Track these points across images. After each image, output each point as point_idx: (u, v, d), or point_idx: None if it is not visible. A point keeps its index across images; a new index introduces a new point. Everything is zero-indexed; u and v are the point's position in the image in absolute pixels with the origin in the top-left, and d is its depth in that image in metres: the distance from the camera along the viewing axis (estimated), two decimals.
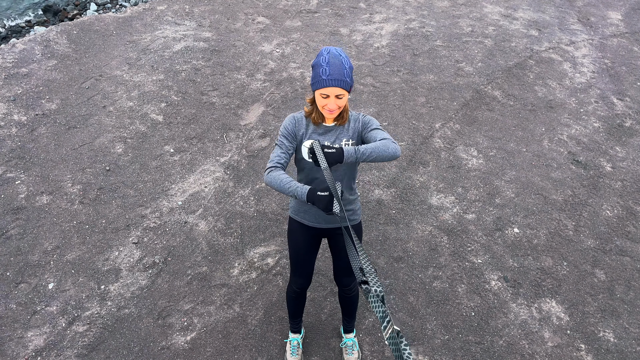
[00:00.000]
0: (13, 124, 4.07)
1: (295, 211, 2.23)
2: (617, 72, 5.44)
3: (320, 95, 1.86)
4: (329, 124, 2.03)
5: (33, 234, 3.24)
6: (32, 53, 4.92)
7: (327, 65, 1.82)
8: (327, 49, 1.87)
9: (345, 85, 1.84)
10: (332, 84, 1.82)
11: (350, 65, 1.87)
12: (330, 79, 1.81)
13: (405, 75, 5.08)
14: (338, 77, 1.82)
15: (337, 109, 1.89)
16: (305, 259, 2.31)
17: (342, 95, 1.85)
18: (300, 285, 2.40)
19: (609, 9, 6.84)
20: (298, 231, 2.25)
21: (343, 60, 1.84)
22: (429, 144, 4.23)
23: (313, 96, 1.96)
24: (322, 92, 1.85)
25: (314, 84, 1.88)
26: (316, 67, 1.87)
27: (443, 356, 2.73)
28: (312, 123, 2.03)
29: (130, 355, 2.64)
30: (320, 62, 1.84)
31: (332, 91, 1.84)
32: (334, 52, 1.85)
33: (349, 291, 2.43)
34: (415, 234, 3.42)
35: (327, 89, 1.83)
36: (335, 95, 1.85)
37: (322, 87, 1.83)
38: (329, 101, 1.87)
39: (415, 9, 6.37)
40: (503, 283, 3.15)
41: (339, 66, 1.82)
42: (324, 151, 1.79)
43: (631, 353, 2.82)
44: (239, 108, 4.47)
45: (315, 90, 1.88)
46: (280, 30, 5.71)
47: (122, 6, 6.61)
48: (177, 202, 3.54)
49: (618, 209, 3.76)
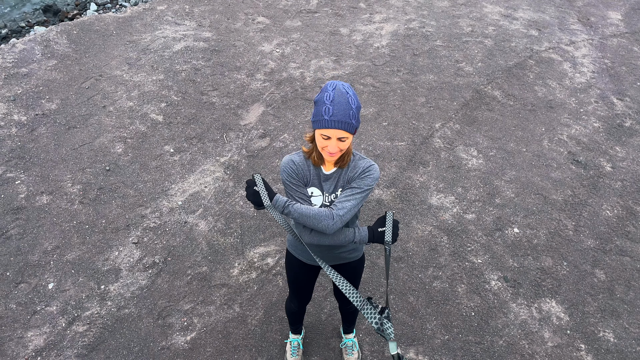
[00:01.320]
0: (13, 124, 4.07)
1: (291, 246, 2.13)
2: (617, 72, 5.44)
3: (321, 135, 1.66)
4: (328, 171, 1.82)
5: (33, 234, 3.24)
6: (32, 53, 4.92)
7: (330, 104, 1.61)
8: (333, 85, 1.65)
9: (350, 128, 1.64)
10: (334, 125, 1.61)
11: (357, 105, 1.66)
12: (333, 121, 1.61)
13: (405, 75, 5.08)
14: (342, 119, 1.61)
15: (338, 152, 1.69)
16: (303, 288, 2.30)
17: (345, 138, 1.65)
18: (299, 306, 2.42)
19: (609, 9, 6.84)
20: (295, 265, 2.17)
21: (350, 99, 1.63)
22: (429, 144, 4.23)
23: (313, 134, 1.76)
24: (323, 133, 1.65)
25: (314, 122, 1.67)
26: (319, 103, 1.66)
27: (443, 356, 2.73)
28: (312, 165, 1.83)
29: (130, 355, 2.64)
30: (324, 99, 1.63)
31: (334, 133, 1.63)
32: (341, 89, 1.64)
33: (350, 307, 2.46)
34: (415, 234, 3.42)
35: (328, 131, 1.63)
36: (337, 137, 1.64)
37: (324, 127, 1.63)
38: (329, 143, 1.66)
39: (415, 9, 6.37)
40: (503, 283, 3.15)
41: (344, 106, 1.61)
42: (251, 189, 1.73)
43: (631, 353, 2.82)
44: (239, 108, 4.47)
45: (315, 129, 1.69)
46: (280, 30, 5.71)
47: (122, 6, 6.61)
48: (177, 202, 3.54)
49: (618, 209, 3.76)
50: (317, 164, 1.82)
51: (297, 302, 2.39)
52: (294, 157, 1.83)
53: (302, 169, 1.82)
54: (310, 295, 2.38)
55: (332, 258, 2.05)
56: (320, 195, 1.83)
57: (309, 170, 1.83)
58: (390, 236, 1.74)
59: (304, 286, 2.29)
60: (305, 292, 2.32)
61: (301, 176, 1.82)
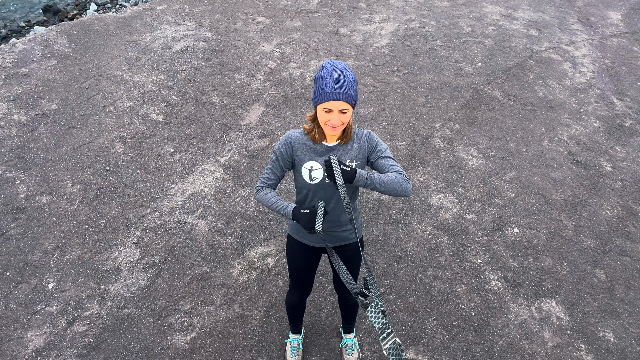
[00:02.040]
0: (13, 124, 4.07)
1: (293, 230, 2.18)
2: (617, 72, 5.44)
3: (323, 109, 1.74)
4: (330, 143, 1.91)
5: (33, 234, 3.24)
6: (32, 53, 4.92)
7: (330, 78, 1.71)
8: (331, 62, 1.77)
9: (350, 100, 1.73)
10: (336, 97, 1.70)
11: (354, 79, 1.76)
12: (334, 92, 1.70)
13: (405, 75, 5.08)
14: (342, 91, 1.71)
15: (340, 124, 1.77)
16: (304, 276, 2.30)
17: (346, 110, 1.74)
18: (299, 298, 2.42)
19: (609, 9, 6.84)
20: (297, 250, 2.20)
21: (347, 73, 1.74)
22: (429, 144, 4.23)
23: (314, 112, 1.85)
24: (325, 107, 1.73)
25: (316, 98, 1.77)
26: (319, 80, 1.75)
27: (443, 356, 2.73)
28: (311, 141, 1.91)
29: (130, 355, 2.64)
30: (324, 75, 1.73)
31: (335, 105, 1.72)
32: (338, 65, 1.75)
33: (350, 299, 2.44)
34: (415, 234, 3.42)
35: (330, 103, 1.72)
36: (339, 109, 1.73)
37: (325, 100, 1.71)
38: (332, 116, 1.75)
39: (415, 9, 6.37)
40: (503, 283, 3.15)
41: (343, 79, 1.71)
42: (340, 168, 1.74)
43: (631, 353, 2.82)
44: (239, 108, 4.47)
45: (317, 105, 1.77)
46: (280, 30, 5.71)
47: (122, 6, 6.61)
48: (177, 202, 3.54)
49: (618, 209, 3.76)
50: (316, 141, 1.89)
51: (297, 293, 2.37)
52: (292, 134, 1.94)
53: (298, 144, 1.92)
54: (310, 286, 2.37)
55: (334, 238, 2.11)
56: (321, 168, 1.90)
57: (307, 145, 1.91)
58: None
59: (305, 273, 2.28)
60: (306, 280, 2.32)
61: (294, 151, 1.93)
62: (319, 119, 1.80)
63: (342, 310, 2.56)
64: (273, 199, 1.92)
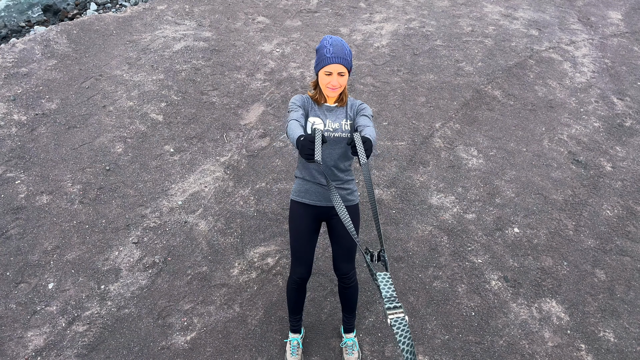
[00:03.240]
0: (13, 124, 4.07)
1: (296, 192, 2.35)
2: (617, 71, 5.44)
3: (324, 73, 2.07)
4: (330, 104, 2.22)
5: (33, 233, 3.24)
6: (32, 53, 4.92)
7: (330, 46, 2.05)
8: (329, 36, 2.11)
9: (347, 64, 2.06)
10: (335, 61, 2.03)
11: (350, 50, 2.10)
12: (334, 57, 2.03)
13: (406, 75, 5.07)
14: (340, 55, 2.04)
15: (339, 86, 2.10)
16: (305, 243, 2.33)
17: (343, 72, 2.07)
18: (300, 275, 2.38)
19: (609, 8, 6.84)
20: (299, 213, 2.33)
21: (344, 44, 2.08)
22: (429, 143, 4.23)
23: (316, 80, 2.18)
24: (326, 70, 2.06)
25: (318, 65, 2.09)
26: (320, 49, 2.09)
27: (443, 356, 2.73)
28: (315, 103, 2.23)
29: (130, 355, 2.64)
30: (324, 44, 2.07)
31: (335, 68, 2.05)
32: (336, 37, 2.10)
33: (348, 280, 2.42)
34: (415, 233, 3.42)
35: (330, 66, 2.04)
36: (337, 72, 2.06)
37: (326, 64, 2.04)
38: (331, 78, 2.07)
39: (415, 9, 6.37)
40: (503, 283, 3.15)
41: (340, 47, 2.06)
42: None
43: (631, 353, 2.82)
44: (239, 108, 4.47)
45: (319, 71, 2.09)
46: (280, 30, 5.71)
47: (122, 6, 6.60)
48: (177, 202, 3.54)
49: (618, 209, 3.76)
50: (319, 103, 2.22)
51: (298, 271, 2.36)
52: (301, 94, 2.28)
53: (307, 101, 2.24)
54: (311, 260, 2.37)
55: None
56: (322, 124, 2.19)
57: (312, 105, 2.23)
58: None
59: (305, 240, 2.32)
60: (306, 251, 2.34)
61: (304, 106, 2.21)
62: (321, 82, 2.13)
63: (342, 298, 2.52)
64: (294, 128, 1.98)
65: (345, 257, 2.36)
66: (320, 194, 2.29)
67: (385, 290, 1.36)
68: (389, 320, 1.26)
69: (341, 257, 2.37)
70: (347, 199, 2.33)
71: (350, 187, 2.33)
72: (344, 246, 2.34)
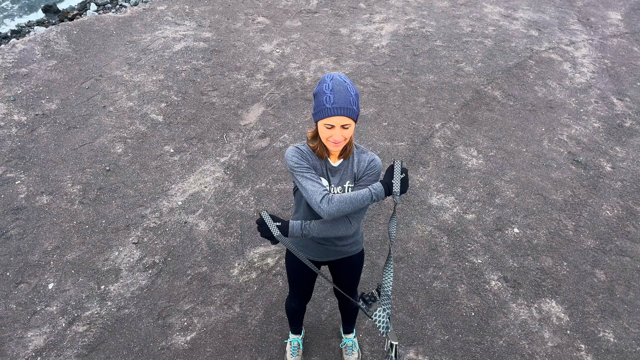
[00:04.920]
0: (13, 124, 4.07)
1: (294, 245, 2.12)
2: (617, 72, 5.44)
3: (325, 125, 1.69)
4: (333, 163, 1.86)
5: (33, 234, 3.24)
6: (32, 53, 4.92)
7: (331, 93, 1.66)
8: (330, 76, 1.70)
9: (352, 114, 1.67)
10: (337, 112, 1.65)
11: (356, 92, 1.71)
12: (336, 108, 1.65)
13: (405, 76, 5.08)
14: (344, 105, 1.65)
15: (343, 140, 1.73)
16: (304, 286, 2.31)
17: (348, 125, 1.68)
18: (299, 304, 2.42)
19: (609, 9, 6.85)
20: (297, 263, 2.17)
21: (348, 87, 1.68)
22: (429, 144, 4.23)
23: (315, 129, 1.80)
24: (327, 123, 1.68)
25: (316, 114, 1.70)
26: (319, 95, 1.69)
27: (443, 356, 2.73)
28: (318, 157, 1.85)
29: (130, 355, 2.64)
30: (324, 89, 1.67)
31: (337, 121, 1.67)
32: (338, 78, 1.69)
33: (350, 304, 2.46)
34: (415, 234, 3.42)
35: (332, 119, 1.66)
36: (340, 125, 1.68)
37: (327, 116, 1.66)
38: (334, 132, 1.69)
39: (415, 9, 6.37)
40: (503, 283, 3.15)
41: (344, 93, 1.66)
42: (263, 227, 1.73)
43: (631, 353, 2.82)
44: (239, 108, 4.47)
45: (318, 121, 1.71)
46: (280, 30, 5.71)
47: (122, 6, 6.61)
48: (177, 202, 3.54)
49: (618, 209, 3.76)
50: (322, 157, 1.84)
51: (297, 301, 2.39)
52: (299, 146, 1.84)
53: (308, 156, 1.83)
54: (310, 294, 2.38)
55: (335, 252, 2.08)
56: (327, 186, 1.85)
57: (316, 160, 1.85)
58: (398, 187, 1.68)
59: (305, 284, 2.29)
60: (305, 290, 2.33)
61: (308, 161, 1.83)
62: (321, 135, 1.75)
63: (343, 314, 2.57)
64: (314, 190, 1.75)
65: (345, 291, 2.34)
66: (321, 251, 2.07)
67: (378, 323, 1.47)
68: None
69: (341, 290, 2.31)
70: (350, 251, 2.13)
71: (354, 239, 2.09)
72: (345, 284, 2.31)
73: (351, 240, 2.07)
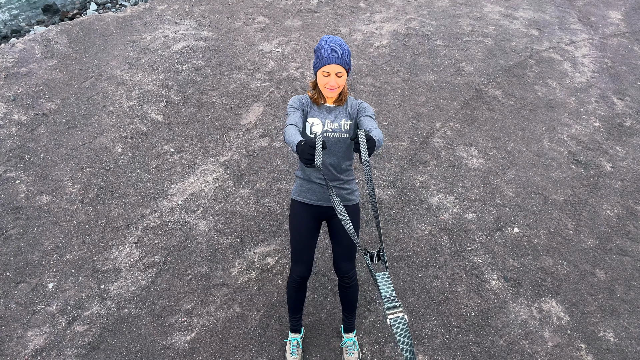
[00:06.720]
0: (13, 124, 4.07)
1: (297, 192, 2.37)
2: (618, 71, 5.44)
3: (322, 73, 2.06)
4: (329, 104, 2.22)
5: (33, 233, 3.24)
6: (32, 53, 4.92)
7: (328, 46, 2.03)
8: (328, 36, 2.08)
9: (345, 64, 2.05)
10: (332, 61, 2.02)
11: (348, 50, 2.08)
12: (331, 57, 2.02)
13: (406, 75, 5.07)
14: (338, 55, 2.03)
15: (337, 86, 2.09)
16: (305, 242, 2.34)
17: (341, 73, 2.06)
18: (301, 274, 2.38)
19: (609, 8, 6.84)
20: (299, 213, 2.35)
21: (342, 44, 2.06)
22: (429, 143, 4.23)
23: (315, 80, 2.17)
24: (324, 70, 2.05)
25: (316, 65, 2.08)
26: (318, 49, 2.07)
27: (443, 356, 2.73)
28: (314, 104, 2.22)
29: (130, 355, 2.64)
30: (322, 44, 2.06)
31: (332, 68, 2.04)
32: (334, 37, 2.08)
33: (349, 280, 2.42)
34: (415, 233, 3.42)
35: (328, 67, 2.03)
36: (335, 72, 2.05)
37: (324, 64, 2.03)
38: (330, 79, 2.06)
39: (416, 9, 6.37)
40: (503, 283, 3.15)
41: (338, 47, 2.04)
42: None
43: (631, 353, 2.82)
44: (239, 108, 4.47)
45: (317, 71, 2.08)
46: (280, 29, 5.71)
47: (122, 6, 6.60)
48: (177, 201, 3.54)
49: (618, 209, 3.75)
50: (318, 103, 2.22)
51: (298, 269, 2.36)
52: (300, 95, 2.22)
53: (305, 102, 2.23)
54: (311, 259, 2.37)
55: None
56: (320, 124, 2.19)
57: (311, 106, 2.23)
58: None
59: (306, 239, 2.33)
60: (306, 250, 2.34)
61: (303, 107, 2.21)
62: (319, 83, 2.12)
63: (342, 297, 2.52)
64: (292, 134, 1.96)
65: (345, 256, 2.37)
66: (321, 193, 2.30)
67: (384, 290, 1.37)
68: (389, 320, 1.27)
69: (341, 256, 2.37)
70: (347, 199, 2.34)
71: (350, 187, 2.34)
72: (344, 245, 2.34)
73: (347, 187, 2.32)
